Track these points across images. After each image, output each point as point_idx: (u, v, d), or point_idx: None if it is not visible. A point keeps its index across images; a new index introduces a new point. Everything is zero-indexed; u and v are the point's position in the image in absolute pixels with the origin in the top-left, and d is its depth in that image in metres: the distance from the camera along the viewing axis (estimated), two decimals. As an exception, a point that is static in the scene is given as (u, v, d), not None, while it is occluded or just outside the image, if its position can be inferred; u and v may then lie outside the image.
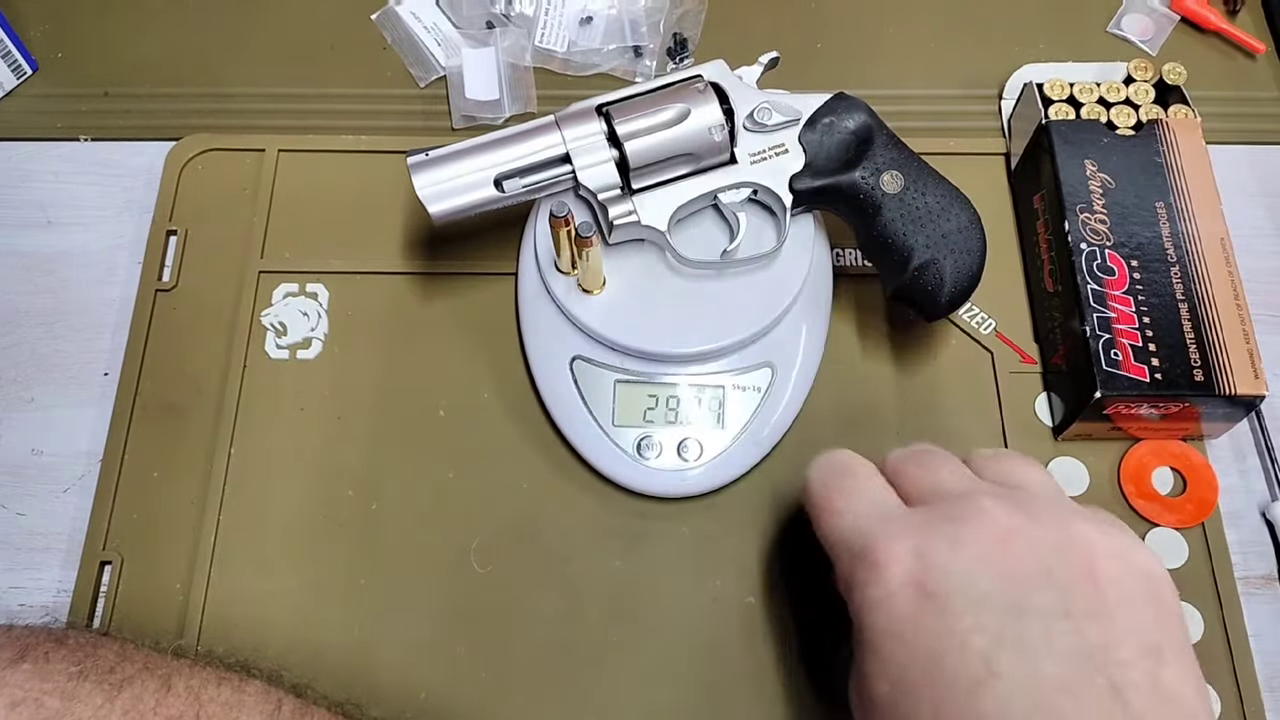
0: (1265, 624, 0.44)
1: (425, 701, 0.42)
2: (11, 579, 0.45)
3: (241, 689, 0.33)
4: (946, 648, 0.30)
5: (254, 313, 0.49)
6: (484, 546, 0.45)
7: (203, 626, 0.43)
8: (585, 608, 0.43)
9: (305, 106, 0.55)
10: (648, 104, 0.43)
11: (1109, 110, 0.49)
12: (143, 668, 0.32)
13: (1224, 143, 0.53)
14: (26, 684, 0.30)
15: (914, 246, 0.43)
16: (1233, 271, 0.45)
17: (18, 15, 0.56)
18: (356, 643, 0.43)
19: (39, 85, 0.56)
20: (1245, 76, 0.57)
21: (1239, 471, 0.47)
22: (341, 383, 0.48)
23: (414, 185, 0.41)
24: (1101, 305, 0.44)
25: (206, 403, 0.47)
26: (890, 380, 0.48)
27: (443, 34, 0.56)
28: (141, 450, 0.46)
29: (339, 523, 0.45)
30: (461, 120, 0.54)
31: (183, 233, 0.51)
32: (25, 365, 0.49)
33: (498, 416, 0.47)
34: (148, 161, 0.53)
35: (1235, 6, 0.58)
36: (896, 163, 0.43)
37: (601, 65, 0.56)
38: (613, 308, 0.44)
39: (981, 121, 0.55)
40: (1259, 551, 0.46)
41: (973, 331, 0.49)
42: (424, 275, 0.50)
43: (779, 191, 0.43)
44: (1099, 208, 0.46)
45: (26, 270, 0.51)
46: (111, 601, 0.43)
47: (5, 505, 0.46)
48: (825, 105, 0.44)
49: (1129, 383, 0.43)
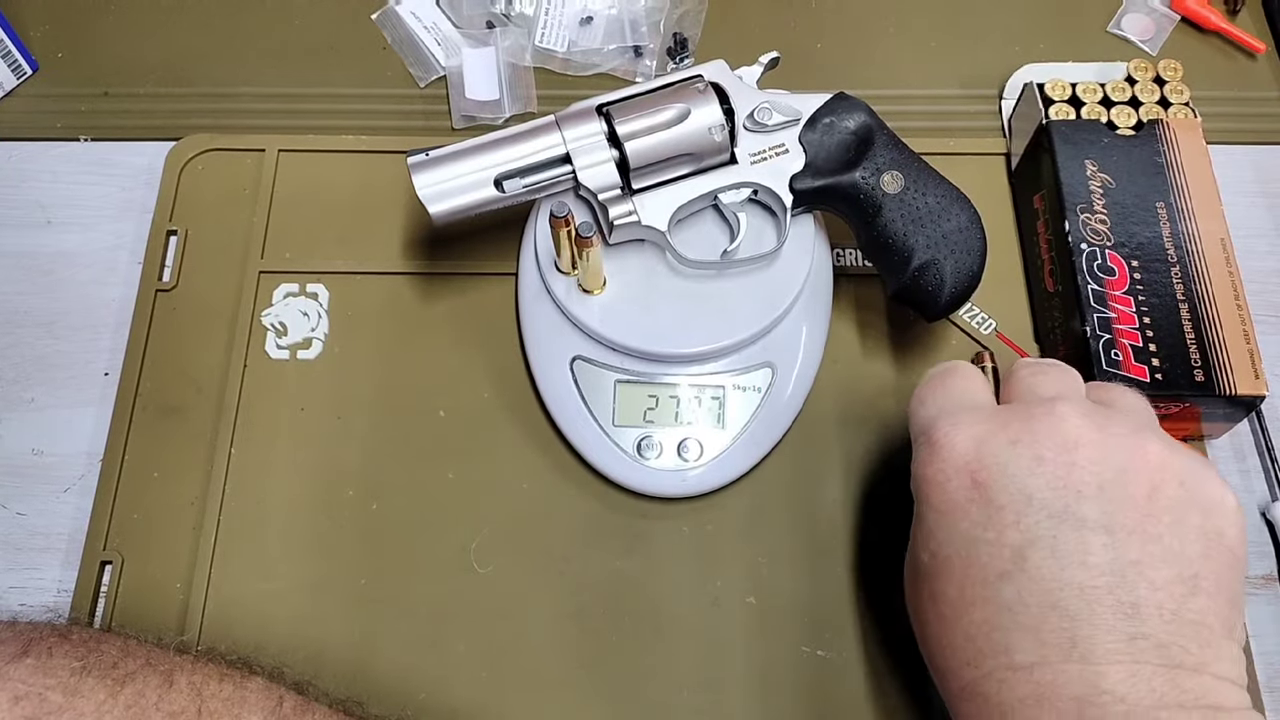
0: (1265, 624, 0.44)
1: (425, 700, 0.42)
2: (12, 579, 0.44)
3: (243, 685, 0.33)
4: (983, 537, 0.32)
5: (254, 313, 0.49)
6: (484, 546, 0.45)
7: (203, 626, 0.43)
8: (585, 608, 0.43)
9: (305, 106, 0.55)
10: (648, 104, 0.43)
11: (1109, 110, 0.49)
12: (145, 664, 0.32)
13: (1224, 143, 0.53)
14: (30, 679, 0.30)
15: (914, 246, 0.43)
16: (1233, 271, 0.45)
17: (18, 15, 0.56)
18: (357, 642, 0.43)
19: (39, 85, 0.56)
20: (1245, 76, 0.57)
21: (1239, 471, 0.47)
22: (341, 383, 0.48)
23: (414, 185, 0.41)
24: (1102, 305, 0.44)
25: (206, 403, 0.47)
26: (890, 380, 0.48)
27: (443, 34, 0.56)
28: (141, 450, 0.46)
29: (339, 523, 0.45)
30: (461, 120, 0.54)
31: (183, 233, 0.51)
32: (25, 365, 0.49)
33: (498, 416, 0.47)
34: (148, 161, 0.53)
35: (1235, 6, 0.58)
36: (897, 163, 0.43)
37: (602, 65, 0.56)
38: (613, 308, 0.44)
39: (981, 121, 0.55)
40: (1259, 551, 0.46)
41: (973, 331, 0.49)
42: (424, 275, 0.50)
43: (779, 191, 0.43)
44: (1099, 208, 0.46)
45: (26, 270, 0.51)
46: (112, 601, 0.43)
47: (5, 505, 0.46)
48: (825, 105, 0.44)
49: (1129, 383, 0.43)
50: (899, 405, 0.47)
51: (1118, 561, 0.30)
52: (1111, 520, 0.31)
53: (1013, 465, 0.32)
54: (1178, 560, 0.31)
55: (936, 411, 0.35)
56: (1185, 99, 0.49)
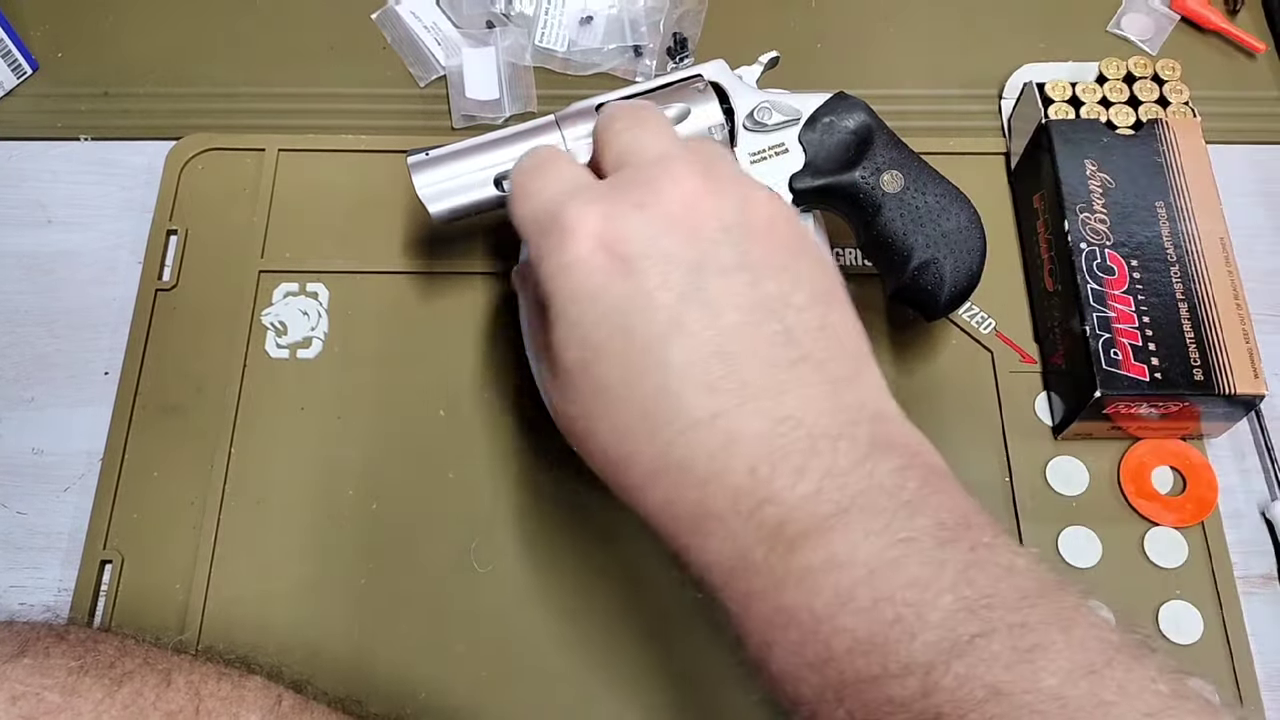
0: (1265, 624, 0.44)
1: (425, 700, 0.42)
2: (12, 578, 0.45)
3: (241, 684, 0.33)
4: (634, 306, 0.31)
5: (254, 312, 0.49)
6: (484, 546, 0.45)
7: (203, 626, 0.43)
8: (586, 607, 0.43)
9: (305, 106, 0.55)
10: (648, 103, 0.43)
11: (1109, 110, 0.49)
12: (143, 663, 0.32)
13: (1224, 142, 0.53)
14: (27, 679, 0.30)
15: (914, 246, 0.43)
16: (1233, 271, 0.45)
17: (18, 15, 0.56)
18: (356, 642, 0.43)
19: (39, 85, 0.56)
20: (1245, 76, 0.57)
21: (1239, 471, 0.47)
22: (341, 382, 0.48)
23: (414, 185, 0.41)
24: (1101, 305, 0.44)
25: (206, 402, 0.47)
26: (890, 380, 0.47)
27: (443, 33, 0.57)
28: (141, 450, 0.46)
29: (339, 523, 0.45)
30: (461, 120, 0.54)
31: (183, 232, 0.51)
32: (25, 365, 0.49)
33: (498, 416, 0.47)
34: (147, 161, 0.53)
35: (1235, 6, 0.58)
36: (896, 162, 0.43)
37: (601, 65, 0.56)
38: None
39: (981, 121, 0.55)
40: (1259, 551, 0.46)
41: (973, 331, 0.49)
42: (424, 275, 0.50)
43: (779, 191, 0.43)
44: (1099, 207, 0.46)
45: (26, 270, 0.51)
46: (112, 601, 0.43)
47: (5, 504, 0.46)
48: (825, 105, 0.44)
49: (1129, 382, 0.43)
50: (899, 404, 0.47)
51: (763, 296, 0.31)
52: (745, 259, 0.32)
53: (645, 230, 0.32)
54: (809, 282, 0.32)
55: (551, 199, 0.34)
56: (1185, 98, 0.49)
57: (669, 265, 0.31)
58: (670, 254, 0.31)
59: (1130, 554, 0.45)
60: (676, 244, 0.31)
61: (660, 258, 0.31)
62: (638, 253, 0.31)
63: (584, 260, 0.32)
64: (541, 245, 0.33)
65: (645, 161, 0.34)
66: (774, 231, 0.33)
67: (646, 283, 0.31)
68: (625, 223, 0.32)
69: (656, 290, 0.31)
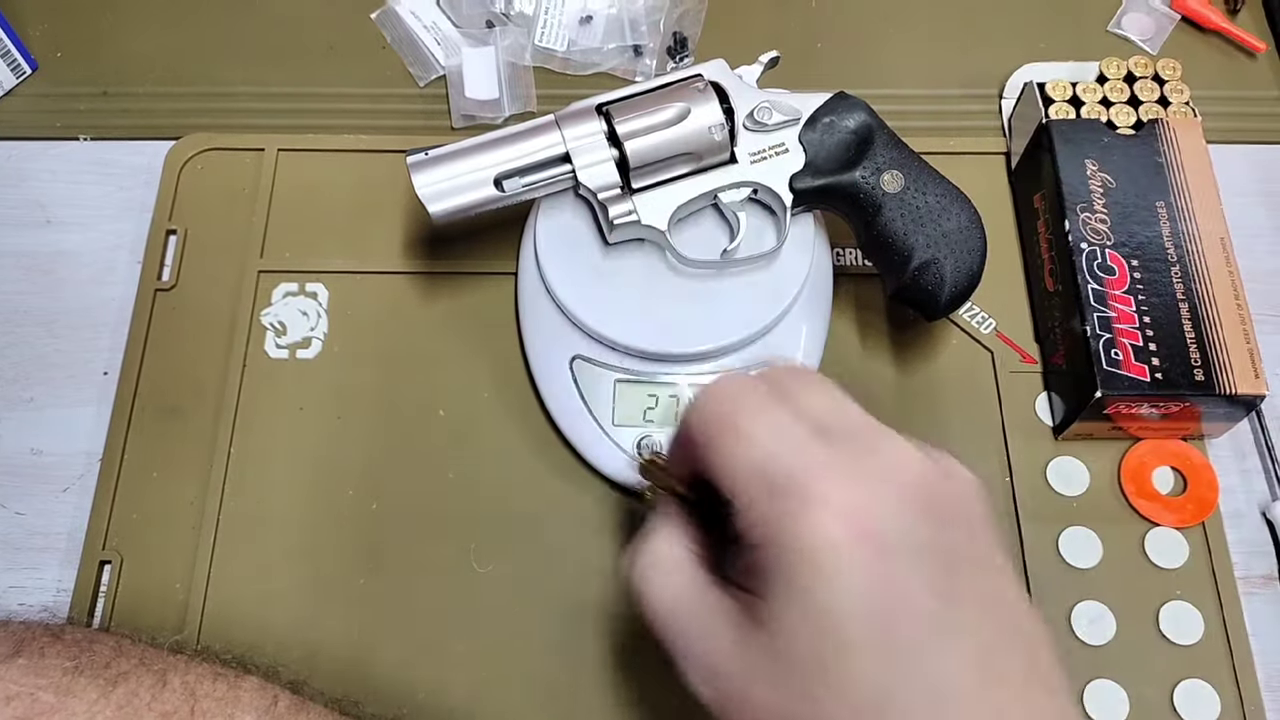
0: (1265, 624, 0.44)
1: (424, 700, 0.42)
2: (11, 578, 0.44)
3: (237, 685, 0.33)
4: (897, 607, 0.27)
5: (254, 312, 0.49)
6: (484, 546, 0.45)
7: (202, 626, 0.43)
8: (585, 607, 0.43)
9: (305, 106, 0.55)
10: (648, 103, 0.43)
11: (1109, 109, 0.49)
12: (138, 663, 0.32)
13: (1224, 142, 0.52)
14: (22, 679, 0.30)
15: (914, 246, 0.43)
16: (1233, 271, 0.45)
17: (17, 15, 0.56)
18: (355, 642, 0.43)
19: (38, 85, 0.55)
20: (1245, 76, 0.57)
21: (1239, 471, 0.47)
22: (341, 383, 0.48)
23: (414, 185, 0.41)
24: (1102, 305, 0.44)
25: (206, 403, 0.47)
26: (890, 380, 0.48)
27: (442, 33, 0.56)
28: (141, 450, 0.46)
29: (338, 523, 0.45)
30: (461, 120, 0.54)
31: (182, 232, 0.51)
32: (25, 365, 0.49)
33: (498, 416, 0.47)
34: (147, 161, 0.53)
35: (1235, 6, 0.58)
36: (896, 162, 0.43)
37: (601, 64, 0.56)
38: (613, 307, 0.44)
39: (981, 121, 0.55)
40: (1259, 551, 0.46)
41: (973, 331, 0.49)
42: (424, 275, 0.50)
43: (779, 191, 0.43)
44: (1099, 207, 0.46)
45: (26, 270, 0.51)
46: (111, 601, 0.43)
47: (5, 505, 0.46)
48: (825, 105, 0.44)
49: (1129, 382, 0.43)
50: (899, 405, 0.47)
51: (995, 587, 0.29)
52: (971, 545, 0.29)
53: (896, 512, 0.28)
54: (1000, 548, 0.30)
55: (777, 451, 0.29)
56: (1185, 98, 0.49)
57: (922, 557, 0.28)
58: (923, 544, 0.28)
59: (1131, 554, 0.45)
60: (923, 529, 0.28)
61: (915, 547, 0.28)
62: (893, 539, 0.28)
63: (838, 546, 0.27)
64: (771, 507, 0.28)
65: (858, 429, 0.30)
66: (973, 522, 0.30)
67: (910, 581, 0.27)
68: (875, 501, 0.28)
69: (919, 593, 0.27)
